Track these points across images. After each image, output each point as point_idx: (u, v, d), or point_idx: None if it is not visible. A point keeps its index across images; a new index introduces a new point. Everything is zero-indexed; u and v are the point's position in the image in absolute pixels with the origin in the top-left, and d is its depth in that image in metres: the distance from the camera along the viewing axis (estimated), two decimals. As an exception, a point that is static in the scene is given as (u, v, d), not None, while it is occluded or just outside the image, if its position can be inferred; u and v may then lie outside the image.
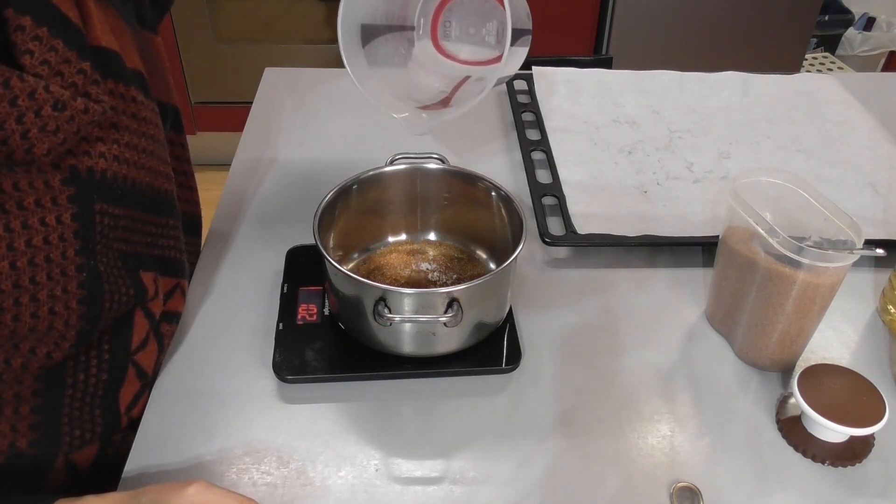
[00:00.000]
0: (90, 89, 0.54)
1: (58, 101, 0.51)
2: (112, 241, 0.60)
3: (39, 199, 0.52)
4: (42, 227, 0.53)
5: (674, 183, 0.94)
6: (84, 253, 0.56)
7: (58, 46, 0.51)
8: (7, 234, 0.51)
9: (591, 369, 0.72)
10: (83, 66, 0.53)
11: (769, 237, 0.64)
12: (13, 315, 0.53)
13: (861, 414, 0.61)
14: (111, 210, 0.58)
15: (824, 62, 2.60)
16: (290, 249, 0.81)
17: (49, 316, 0.55)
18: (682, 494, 0.61)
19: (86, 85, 0.53)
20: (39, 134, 0.50)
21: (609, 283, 0.82)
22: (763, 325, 0.69)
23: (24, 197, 0.52)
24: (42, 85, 0.50)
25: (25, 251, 0.52)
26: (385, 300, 0.64)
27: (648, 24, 2.04)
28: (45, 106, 0.50)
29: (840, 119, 1.08)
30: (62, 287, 0.55)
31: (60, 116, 0.51)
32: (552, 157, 0.96)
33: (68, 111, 0.51)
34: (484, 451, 0.64)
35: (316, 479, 0.61)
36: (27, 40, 0.50)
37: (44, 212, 0.53)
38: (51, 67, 0.51)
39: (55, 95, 0.51)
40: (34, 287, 0.53)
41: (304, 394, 0.68)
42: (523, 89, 1.13)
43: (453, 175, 0.78)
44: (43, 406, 0.60)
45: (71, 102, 0.52)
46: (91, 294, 0.58)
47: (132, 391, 0.66)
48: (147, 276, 0.65)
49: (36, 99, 0.50)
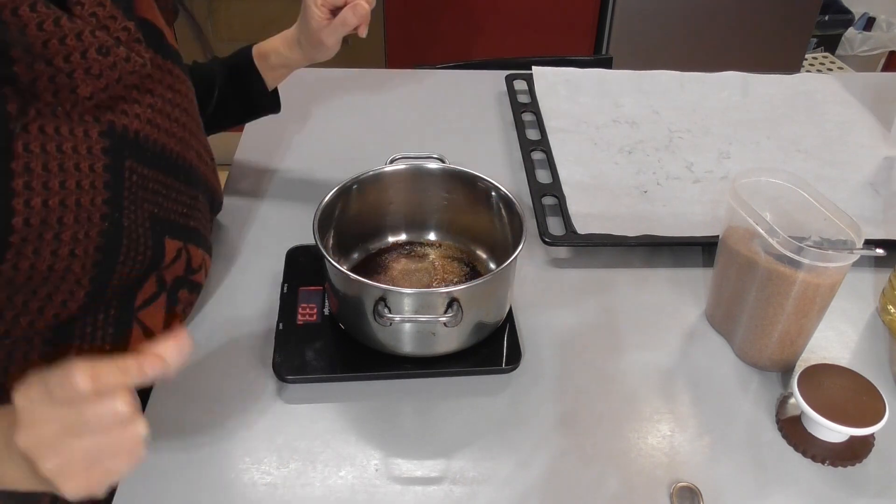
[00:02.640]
0: (133, 45, 0.57)
1: (102, 46, 0.54)
2: (142, 201, 0.62)
3: (76, 146, 0.55)
4: (76, 171, 0.55)
5: (674, 183, 0.94)
6: (111, 203, 0.59)
7: (105, 3, 0.56)
8: (44, 173, 0.53)
9: (591, 369, 0.72)
10: (128, 25, 0.57)
11: (769, 237, 0.64)
12: (34, 248, 0.54)
13: (861, 414, 0.61)
14: (140, 170, 0.61)
15: (824, 62, 2.60)
16: (290, 249, 0.81)
17: (69, 258, 0.57)
18: (682, 494, 0.61)
19: (129, 41, 0.57)
20: (84, 76, 0.54)
21: (609, 283, 0.82)
22: (763, 325, 0.69)
23: (63, 141, 0.54)
24: (89, 28, 0.53)
25: (59, 192, 0.54)
26: (385, 300, 0.64)
27: (648, 24, 2.04)
28: (91, 49, 0.53)
29: (840, 119, 1.08)
30: (85, 231, 0.57)
31: (104, 61, 0.54)
32: (552, 157, 0.96)
33: (111, 57, 0.55)
34: (484, 451, 0.64)
35: (316, 479, 0.61)
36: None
37: (79, 158, 0.55)
38: (98, 20, 0.55)
39: (100, 40, 0.54)
40: (59, 227, 0.55)
41: (304, 394, 0.68)
42: (523, 89, 1.13)
43: (453, 175, 0.78)
44: (51, 354, 0.61)
45: (115, 49, 0.55)
46: (108, 244, 0.59)
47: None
48: (172, 243, 0.67)
49: (82, 41, 0.53)
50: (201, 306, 0.76)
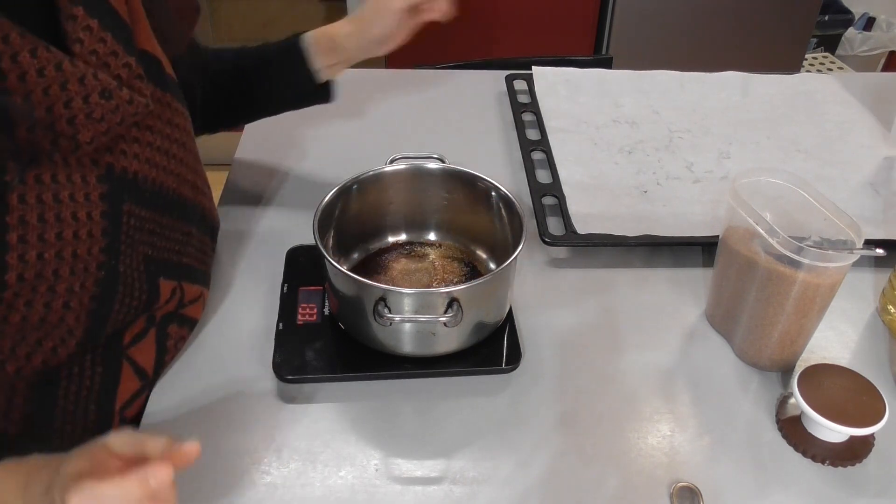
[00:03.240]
0: (135, 83, 0.56)
1: (105, 90, 0.52)
2: (137, 244, 0.60)
3: (74, 193, 0.53)
4: (74, 221, 0.54)
5: (674, 183, 0.94)
6: (108, 251, 0.57)
7: (106, 39, 0.53)
8: (40, 225, 0.52)
9: (591, 369, 0.72)
10: (129, 61, 0.55)
11: (769, 237, 0.64)
12: (26, 301, 0.53)
13: (861, 414, 0.61)
14: (138, 212, 0.59)
15: (824, 62, 2.60)
16: (290, 249, 0.81)
17: (62, 310, 0.55)
18: (682, 494, 0.61)
19: (130, 79, 0.55)
20: (85, 121, 0.52)
21: (609, 283, 0.82)
22: (763, 325, 0.69)
23: (60, 189, 0.52)
24: (91, 72, 0.51)
25: (55, 243, 0.53)
26: (385, 300, 0.64)
27: (648, 24, 2.04)
28: (93, 93, 0.52)
29: (840, 119, 1.08)
30: (80, 283, 0.56)
31: (106, 105, 0.53)
32: (552, 157, 0.96)
33: (114, 101, 0.53)
34: (484, 451, 0.64)
35: (316, 479, 0.61)
36: (78, 30, 0.52)
37: (77, 206, 0.54)
38: (98, 58, 0.53)
39: (103, 83, 0.52)
40: (55, 279, 0.54)
41: (304, 394, 0.68)
42: (523, 89, 1.13)
43: (453, 175, 0.78)
44: (36, 398, 0.59)
45: (117, 92, 0.53)
46: (104, 292, 0.58)
47: (130, 390, 0.65)
48: (167, 284, 0.66)
49: (85, 85, 0.51)
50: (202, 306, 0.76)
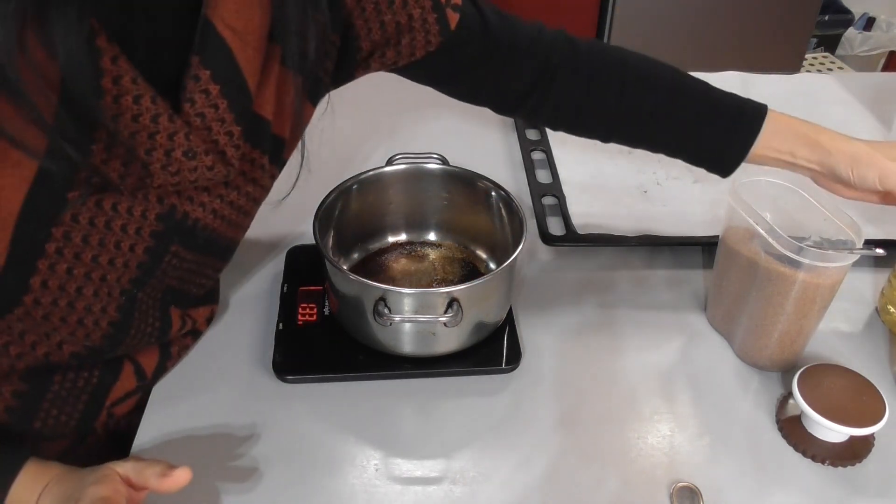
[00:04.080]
0: (228, 151, 0.54)
1: (190, 150, 0.51)
2: (168, 278, 0.60)
3: (127, 225, 0.53)
4: (115, 249, 0.54)
5: (674, 183, 0.94)
6: (136, 282, 0.57)
7: (220, 105, 0.52)
8: (81, 244, 0.52)
9: (591, 369, 0.72)
10: (233, 129, 0.54)
11: (769, 237, 0.64)
12: (44, 313, 0.53)
13: (861, 414, 0.61)
14: (183, 253, 0.59)
15: (824, 62, 2.60)
16: (290, 249, 0.81)
17: (76, 325, 0.56)
18: (682, 494, 0.61)
19: (227, 146, 0.54)
20: (160, 171, 0.51)
21: (609, 283, 0.82)
22: (763, 325, 0.69)
23: (114, 219, 0.52)
24: (185, 131, 0.51)
25: (88, 264, 0.53)
26: (385, 300, 0.64)
27: (648, 24, 2.04)
28: (177, 150, 0.51)
29: (840, 119, 1.08)
30: (102, 306, 0.56)
31: (186, 164, 0.52)
32: (552, 157, 0.96)
33: (195, 162, 0.52)
34: (484, 451, 0.64)
35: (316, 479, 0.61)
36: (196, 90, 0.51)
37: (124, 237, 0.53)
38: (204, 121, 0.52)
39: (192, 145, 0.51)
40: (77, 296, 0.54)
41: (304, 394, 0.68)
42: (523, 89, 1.13)
43: (453, 175, 0.78)
44: (32, 378, 0.59)
45: (202, 156, 0.52)
46: (123, 320, 0.58)
47: (125, 388, 0.65)
48: (176, 311, 0.66)
49: (173, 141, 0.50)
50: (201, 306, 0.76)
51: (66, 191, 0.49)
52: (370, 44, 0.65)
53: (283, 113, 0.60)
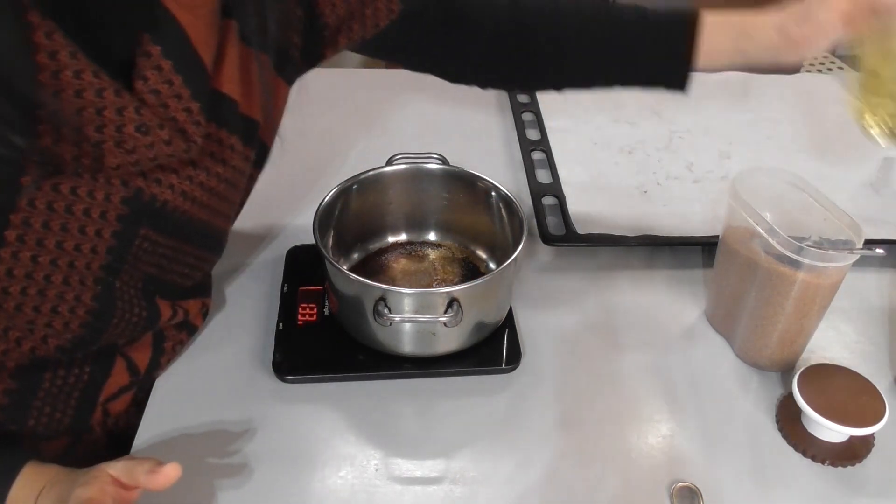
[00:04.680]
0: (188, 128, 0.54)
1: (143, 125, 0.51)
2: (142, 265, 0.60)
3: (90, 209, 0.53)
4: (80, 234, 0.53)
5: (674, 183, 0.94)
6: (108, 269, 0.57)
7: (175, 81, 0.52)
8: (42, 230, 0.51)
9: (591, 369, 0.72)
10: (191, 106, 0.53)
11: (769, 237, 0.64)
12: (16, 304, 0.53)
13: (861, 414, 0.61)
14: (155, 237, 0.58)
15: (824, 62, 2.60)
16: (290, 249, 0.81)
17: (50, 313, 0.55)
18: (682, 494, 0.61)
19: (186, 123, 0.53)
20: (114, 148, 0.51)
21: (609, 283, 0.82)
22: (763, 325, 0.69)
23: (75, 203, 0.52)
24: (134, 105, 0.50)
25: (52, 250, 0.53)
26: (385, 300, 0.64)
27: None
28: (129, 125, 0.50)
29: (840, 119, 1.08)
30: (75, 294, 0.56)
31: (141, 139, 0.51)
32: (552, 157, 0.96)
33: (150, 137, 0.52)
34: (484, 451, 0.64)
35: (316, 479, 0.61)
36: (147, 67, 0.51)
37: (88, 222, 0.53)
38: (159, 98, 0.52)
39: (143, 119, 0.51)
40: (46, 284, 0.54)
41: (304, 394, 0.68)
42: (523, 89, 1.13)
43: (453, 175, 0.78)
44: (23, 375, 0.59)
45: (156, 130, 0.52)
46: (102, 308, 0.58)
47: (118, 384, 0.65)
48: (164, 303, 0.65)
49: (122, 116, 0.50)
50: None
51: (17, 176, 0.48)
52: (335, 19, 0.66)
53: (251, 93, 0.60)
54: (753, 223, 0.66)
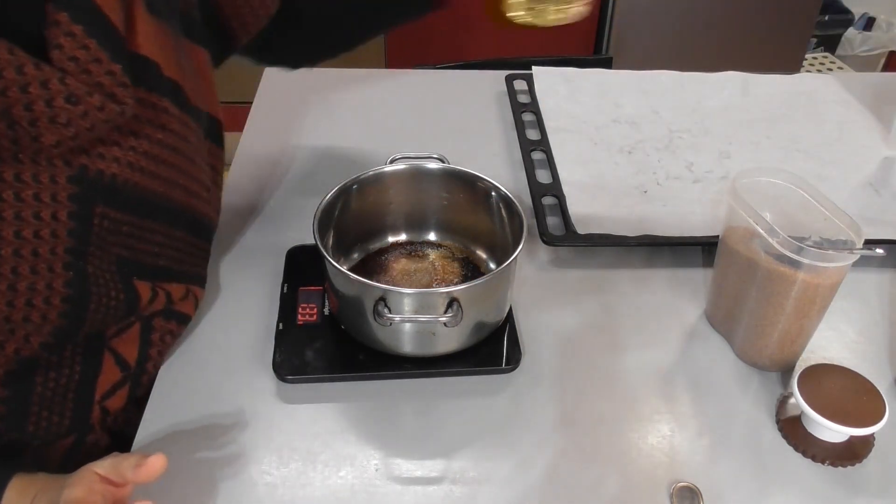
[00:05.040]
0: (116, 91, 0.54)
1: (71, 95, 0.51)
2: (110, 245, 0.59)
3: (39, 193, 0.52)
4: (35, 220, 0.53)
5: (674, 183, 0.94)
6: (74, 252, 0.56)
7: (90, 45, 0.52)
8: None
9: (591, 369, 0.72)
10: (113, 68, 0.53)
11: (769, 237, 0.64)
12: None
13: (861, 414, 0.61)
14: (114, 214, 0.58)
15: (824, 62, 2.60)
16: (290, 249, 0.81)
17: (25, 307, 0.55)
18: (682, 494, 0.61)
19: (112, 86, 0.53)
20: (49, 124, 0.50)
21: (609, 283, 0.82)
22: (763, 325, 0.69)
23: (23, 188, 0.52)
24: (57, 76, 0.50)
25: (12, 241, 0.52)
26: (385, 300, 0.64)
27: (648, 24, 2.04)
28: (57, 97, 0.50)
29: (840, 119, 1.08)
30: (46, 283, 0.55)
31: (73, 110, 0.51)
32: (552, 157, 0.96)
33: (82, 106, 0.51)
34: (484, 451, 0.64)
35: (316, 479, 0.61)
36: (59, 35, 0.50)
37: (40, 206, 0.53)
38: (78, 64, 0.51)
39: (70, 88, 0.50)
40: (15, 277, 0.53)
41: (304, 394, 0.68)
42: (523, 89, 1.13)
43: (453, 175, 0.78)
44: (13, 383, 0.59)
45: (86, 98, 0.51)
46: (76, 294, 0.57)
47: (111, 380, 0.65)
48: (143, 284, 0.65)
49: (48, 88, 0.50)
50: (202, 306, 0.76)
51: None
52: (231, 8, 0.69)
53: (170, 56, 0.61)
54: (753, 223, 0.66)
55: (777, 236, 0.63)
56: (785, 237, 0.63)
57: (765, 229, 0.64)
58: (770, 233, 0.64)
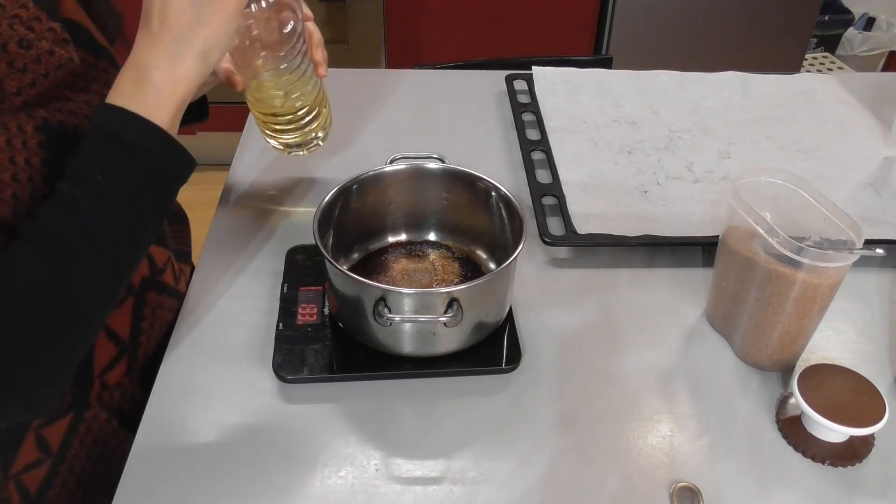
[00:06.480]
0: (60, 45, 0.56)
1: (23, 39, 0.53)
2: None
3: (11, 139, 0.54)
4: (11, 164, 0.54)
5: (674, 183, 0.94)
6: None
7: (28, 5, 0.55)
8: None
9: (591, 369, 0.72)
10: (53, 26, 0.56)
11: (769, 237, 0.64)
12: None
13: (861, 414, 0.61)
14: None
15: (824, 62, 2.60)
16: (290, 249, 0.81)
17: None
18: (682, 494, 0.61)
19: (55, 43, 0.56)
20: (8, 69, 0.53)
21: (609, 283, 0.82)
22: (763, 325, 0.69)
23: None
24: (7, 22, 0.53)
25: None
26: (385, 300, 0.64)
27: (648, 24, 2.04)
28: (10, 42, 0.53)
29: (840, 119, 1.08)
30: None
31: (27, 55, 0.54)
32: (552, 157, 0.96)
33: (34, 51, 0.54)
34: (484, 451, 0.64)
35: (316, 479, 0.61)
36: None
37: (14, 151, 0.54)
38: (22, 22, 0.54)
39: (20, 34, 0.53)
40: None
41: (304, 394, 0.68)
42: (523, 89, 1.13)
43: (453, 175, 0.78)
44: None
45: (36, 43, 0.54)
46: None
47: (107, 355, 0.65)
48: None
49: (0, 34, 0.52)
50: (202, 306, 0.76)
51: None
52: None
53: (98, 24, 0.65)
54: (753, 223, 0.66)
55: (777, 236, 0.63)
56: (785, 237, 0.63)
57: (765, 229, 0.64)
58: (770, 233, 0.64)
